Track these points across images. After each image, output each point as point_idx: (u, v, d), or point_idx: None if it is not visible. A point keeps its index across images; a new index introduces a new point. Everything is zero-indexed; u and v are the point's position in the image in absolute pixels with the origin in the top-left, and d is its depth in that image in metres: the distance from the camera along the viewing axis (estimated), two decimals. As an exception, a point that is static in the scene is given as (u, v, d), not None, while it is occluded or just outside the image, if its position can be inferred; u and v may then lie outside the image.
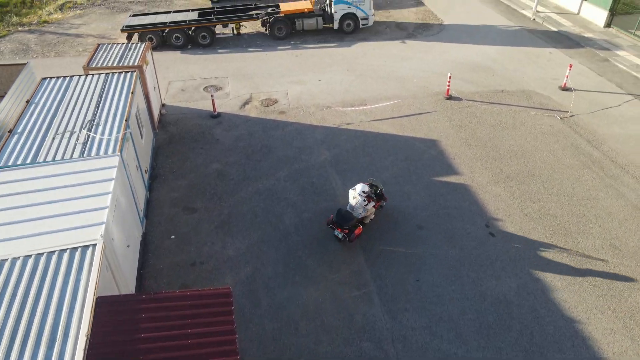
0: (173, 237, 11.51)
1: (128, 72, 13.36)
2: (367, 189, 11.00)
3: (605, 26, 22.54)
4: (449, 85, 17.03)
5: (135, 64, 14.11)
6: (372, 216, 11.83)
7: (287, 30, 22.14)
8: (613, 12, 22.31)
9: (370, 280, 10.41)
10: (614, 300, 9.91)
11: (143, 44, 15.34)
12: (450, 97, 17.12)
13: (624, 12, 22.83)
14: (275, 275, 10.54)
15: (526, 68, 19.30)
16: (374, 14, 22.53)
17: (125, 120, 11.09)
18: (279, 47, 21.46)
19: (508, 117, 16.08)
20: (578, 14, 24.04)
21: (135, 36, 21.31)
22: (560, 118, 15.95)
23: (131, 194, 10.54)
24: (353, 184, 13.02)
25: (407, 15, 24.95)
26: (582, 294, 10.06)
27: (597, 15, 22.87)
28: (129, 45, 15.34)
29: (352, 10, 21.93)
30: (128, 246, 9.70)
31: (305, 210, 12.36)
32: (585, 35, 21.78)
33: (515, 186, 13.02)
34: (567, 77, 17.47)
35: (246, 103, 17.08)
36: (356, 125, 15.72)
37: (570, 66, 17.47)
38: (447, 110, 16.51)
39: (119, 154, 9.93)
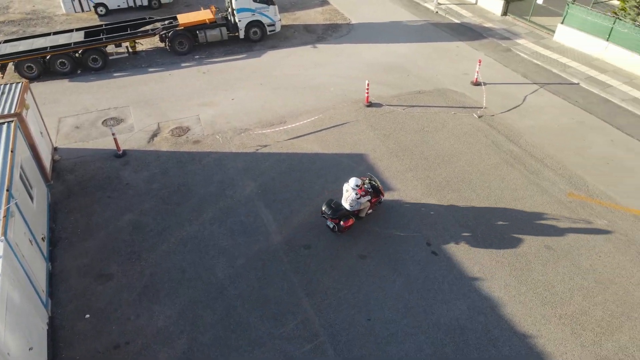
0: (88, 316, 9.90)
1: (4, 123, 11.27)
2: (359, 182, 11.18)
3: (502, 14, 23.48)
4: (367, 93, 16.61)
5: (12, 111, 11.97)
6: (370, 210, 12.03)
7: (189, 44, 20.45)
8: (508, 0, 23.26)
9: (320, 329, 9.66)
10: (557, 305, 10.06)
11: (20, 84, 13.10)
12: (370, 104, 16.73)
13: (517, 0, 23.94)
14: (215, 342, 9.41)
15: (438, 64, 19.47)
16: (280, 19, 21.51)
17: (7, 191, 9.22)
18: (183, 64, 19.76)
19: (429, 119, 16.02)
20: (476, 4, 24.84)
21: (10, 66, 18.50)
22: (478, 116, 16.19)
23: (27, 279, 8.81)
24: (284, 216, 12.25)
25: (314, 16, 24.23)
26: (528, 304, 10.10)
27: (494, 4, 23.75)
28: (1, 87, 13.01)
29: (257, 17, 20.74)
30: (31, 349, 8.06)
31: (239, 255, 11.28)
32: (486, 26, 22.51)
33: (449, 195, 12.91)
34: (477, 72, 17.81)
35: (155, 135, 15.41)
36: (279, 147, 14.77)
37: (480, 61, 17.82)
38: (369, 118, 16.10)
39: (3, 238, 8.18)
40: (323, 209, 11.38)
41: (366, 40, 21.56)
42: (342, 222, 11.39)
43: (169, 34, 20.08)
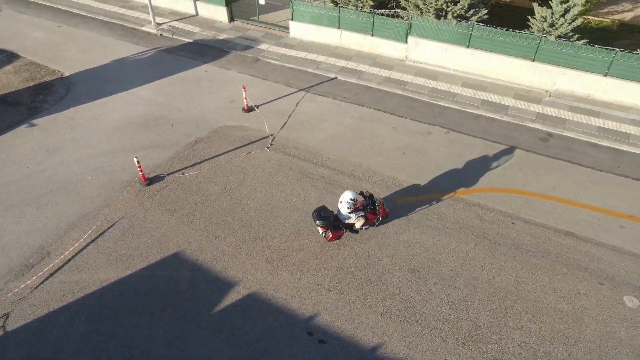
0: None
1: None
2: (354, 196, 10.83)
3: (229, 21, 22.13)
4: (140, 170, 13.22)
5: None
6: (365, 227, 11.66)
7: None
8: (229, 5, 21.95)
9: None
10: (454, 332, 9.89)
11: None
12: (150, 181, 13.46)
13: (234, 0, 22.83)
14: None
15: (197, 99, 17.05)
16: (-39, 104, 15.31)
17: None
18: None
19: (225, 173, 13.85)
20: (197, 15, 22.76)
21: None
22: (269, 147, 14.80)
23: None
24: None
25: (7, 79, 18.23)
26: (434, 347, 9.64)
27: (216, 12, 22.13)
28: None
29: None
30: None
31: None
32: (221, 38, 20.86)
33: (295, 258, 11.36)
34: (245, 98, 16.22)
35: None
36: (59, 298, 10.48)
37: (244, 88, 16.17)
38: (156, 200, 12.96)
39: None
40: (313, 215, 11.14)
41: (98, 94, 17.32)
42: (330, 232, 11.18)
43: None
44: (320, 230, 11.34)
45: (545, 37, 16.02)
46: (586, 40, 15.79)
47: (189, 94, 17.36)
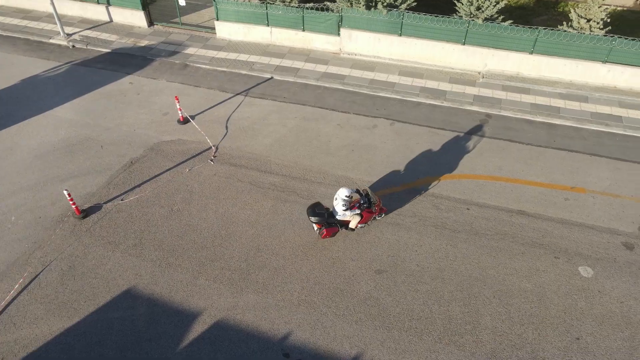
0: None
1: None
2: (349, 193, 10.57)
3: (149, 25, 20.66)
4: (73, 203, 11.94)
5: None
6: (361, 225, 11.41)
7: None
8: (147, 8, 20.46)
9: None
10: (430, 329, 9.88)
11: None
12: (85, 214, 12.21)
13: (151, 2, 21.34)
14: None
15: (126, 115, 15.73)
16: None
17: None
18: None
19: (170, 193, 12.90)
20: (112, 21, 21.01)
21: None
22: (213, 159, 13.99)
23: None
24: None
25: None
26: (412, 347, 9.57)
27: (134, 17, 20.54)
28: None
29: None
30: None
31: None
32: (143, 45, 19.41)
33: (258, 276, 10.81)
34: (179, 109, 15.19)
35: None
36: (3, 357, 9.28)
37: (177, 98, 15.10)
38: (96, 233, 11.81)
39: None
40: (307, 211, 10.86)
41: (8, 121, 15.42)
42: (324, 229, 10.99)
43: None
44: (315, 227, 11.20)
45: (473, 20, 16.37)
46: (511, 21, 16.33)
47: (116, 110, 15.98)
